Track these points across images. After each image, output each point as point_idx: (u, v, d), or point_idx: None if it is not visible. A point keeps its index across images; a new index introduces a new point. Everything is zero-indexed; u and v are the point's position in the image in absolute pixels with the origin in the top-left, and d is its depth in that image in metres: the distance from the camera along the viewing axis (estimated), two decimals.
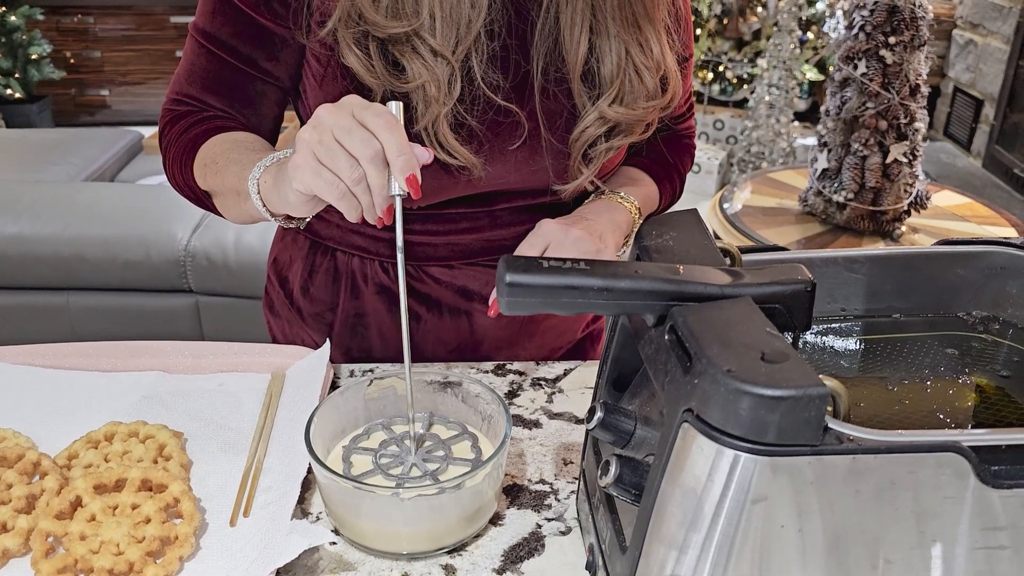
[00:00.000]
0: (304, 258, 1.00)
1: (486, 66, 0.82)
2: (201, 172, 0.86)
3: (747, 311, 0.52)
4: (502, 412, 0.73)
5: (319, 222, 0.98)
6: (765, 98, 3.74)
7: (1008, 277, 0.70)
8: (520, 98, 0.85)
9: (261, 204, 0.78)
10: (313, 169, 0.67)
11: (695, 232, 0.63)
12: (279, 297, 1.04)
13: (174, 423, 0.83)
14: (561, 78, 0.86)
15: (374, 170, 0.66)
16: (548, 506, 0.75)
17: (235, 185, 0.81)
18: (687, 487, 0.49)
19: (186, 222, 1.90)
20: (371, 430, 0.78)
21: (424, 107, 0.81)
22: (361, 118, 0.67)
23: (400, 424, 0.79)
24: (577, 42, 0.84)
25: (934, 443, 0.46)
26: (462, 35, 0.80)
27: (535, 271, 0.54)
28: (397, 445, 0.76)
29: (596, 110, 0.86)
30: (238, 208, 0.85)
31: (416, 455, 0.74)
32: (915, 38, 1.82)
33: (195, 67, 0.89)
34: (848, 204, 1.96)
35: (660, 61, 0.87)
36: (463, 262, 0.96)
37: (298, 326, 1.03)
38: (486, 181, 0.87)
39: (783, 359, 0.47)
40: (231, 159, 0.83)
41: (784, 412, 0.45)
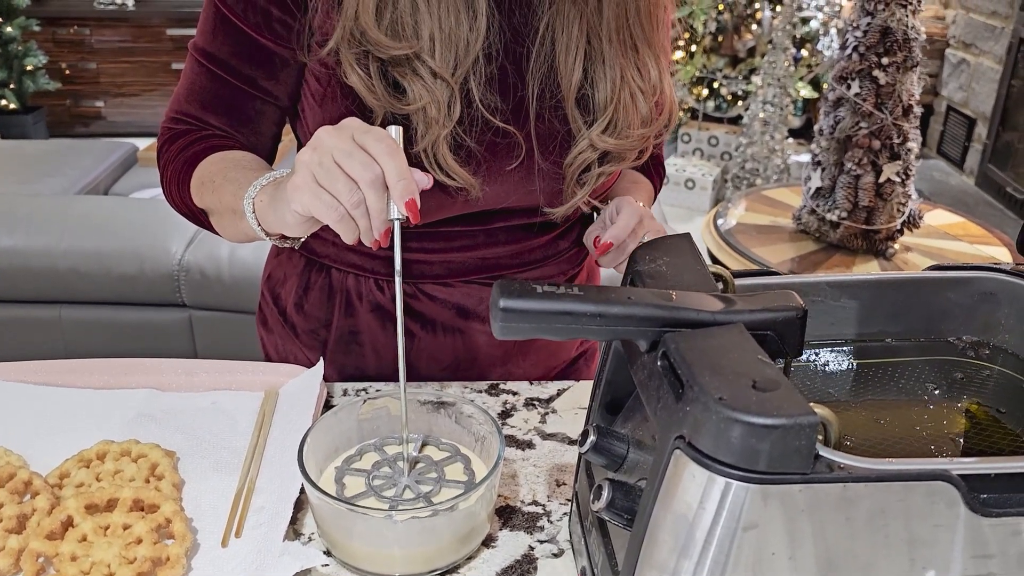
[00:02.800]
0: (299, 275, 1.00)
1: (484, 88, 0.83)
2: (198, 191, 0.87)
3: (739, 338, 0.52)
4: (495, 433, 0.73)
5: (314, 240, 0.98)
6: (759, 115, 3.76)
7: (998, 302, 0.70)
8: (517, 120, 0.86)
9: (256, 223, 0.78)
10: (312, 191, 0.68)
11: (688, 257, 0.63)
12: (272, 314, 1.04)
13: (167, 441, 0.83)
14: (557, 103, 0.86)
15: (373, 194, 0.67)
16: (541, 528, 0.75)
17: (231, 204, 0.81)
18: (679, 513, 0.49)
19: (180, 236, 1.90)
20: (363, 450, 0.78)
21: (424, 128, 0.81)
22: (362, 142, 0.67)
23: (393, 445, 0.79)
24: (571, 68, 0.84)
25: (924, 471, 0.47)
26: (461, 57, 0.81)
27: (529, 296, 0.54)
28: (390, 467, 0.76)
29: (587, 137, 0.86)
30: (234, 227, 0.85)
31: (409, 477, 0.74)
32: (908, 59, 1.84)
33: (194, 86, 0.90)
34: (842, 223, 1.97)
35: (657, 85, 0.88)
36: (459, 280, 0.96)
37: (292, 343, 1.03)
38: (483, 201, 0.88)
39: (774, 387, 0.47)
40: (228, 178, 0.83)
41: (775, 440, 0.45)
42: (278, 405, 0.90)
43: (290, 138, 1.00)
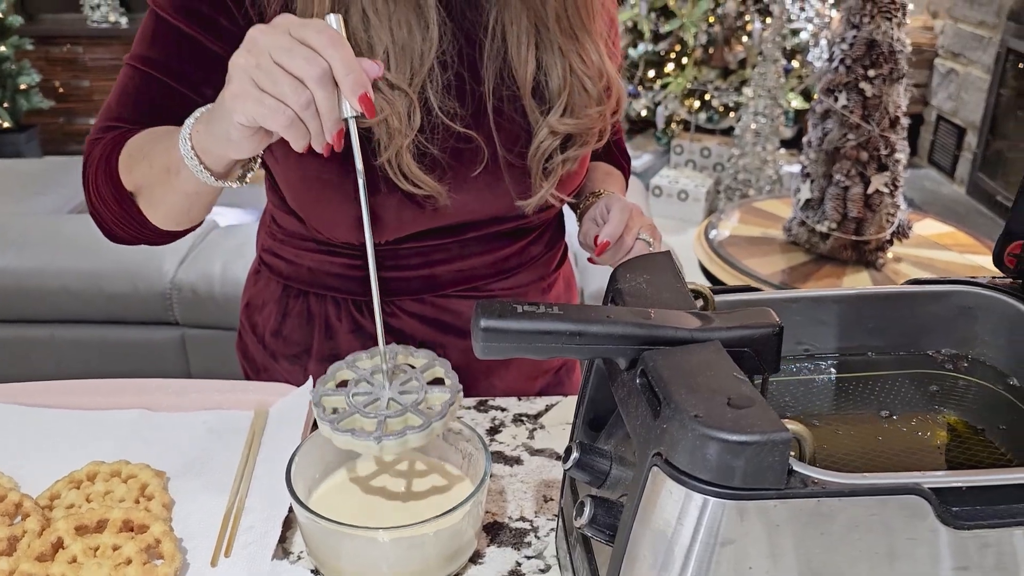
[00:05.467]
0: (276, 302, 1.01)
1: (442, 95, 0.85)
2: (126, 166, 0.81)
3: (716, 356, 0.53)
4: (482, 450, 0.74)
5: (290, 266, 0.99)
6: (751, 126, 3.79)
7: (976, 316, 0.71)
8: (477, 122, 0.87)
9: (197, 162, 0.73)
10: (255, 97, 0.63)
11: (668, 275, 0.64)
12: (252, 341, 1.05)
13: (157, 462, 0.83)
14: (513, 95, 0.88)
15: (323, 91, 0.62)
16: (528, 544, 0.76)
17: (164, 161, 0.76)
18: (658, 530, 0.50)
19: (172, 255, 1.91)
20: (337, 370, 0.75)
21: (388, 139, 0.82)
22: (301, 36, 0.62)
23: (364, 360, 0.77)
24: (525, 59, 0.86)
25: (895, 486, 0.48)
26: (416, 67, 0.82)
27: (509, 316, 0.55)
28: (368, 382, 0.74)
29: (547, 124, 0.88)
30: (167, 191, 0.79)
31: (391, 389, 0.72)
32: (894, 71, 1.86)
33: (127, 91, 0.86)
34: (831, 234, 1.98)
35: (601, 68, 0.90)
36: (436, 295, 0.97)
37: (272, 370, 1.03)
38: (452, 211, 0.89)
39: (749, 404, 0.48)
40: (158, 138, 0.80)
41: (749, 457, 0.46)
42: (268, 424, 0.90)
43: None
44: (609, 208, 0.95)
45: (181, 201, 0.79)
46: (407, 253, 0.94)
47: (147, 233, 0.87)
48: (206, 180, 0.74)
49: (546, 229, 1.03)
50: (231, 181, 0.77)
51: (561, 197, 0.94)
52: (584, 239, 0.98)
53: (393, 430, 0.68)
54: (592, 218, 0.97)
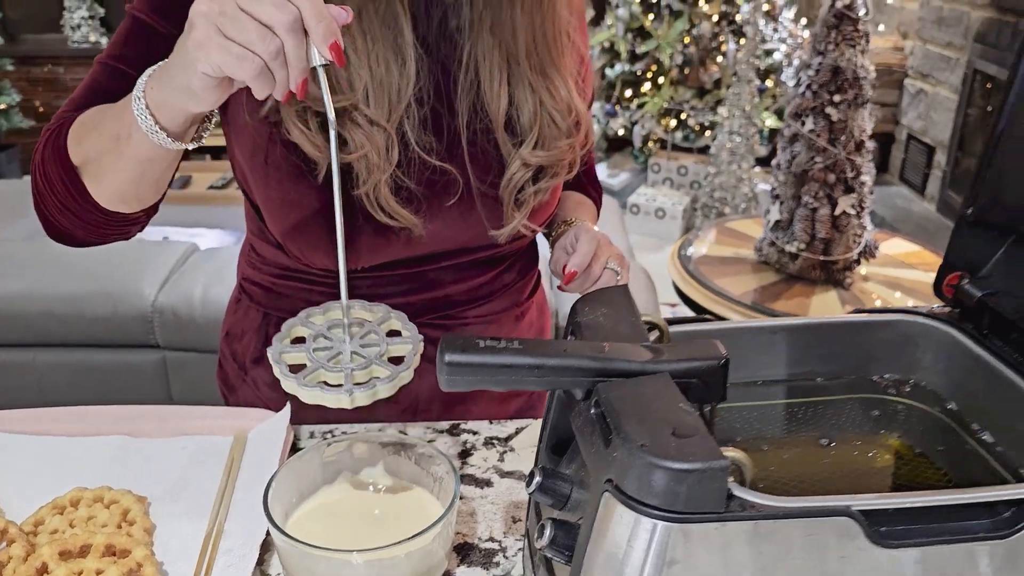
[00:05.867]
0: (256, 330, 1.04)
1: (419, 131, 0.88)
2: (76, 138, 0.79)
3: (664, 387, 0.57)
4: (451, 473, 0.77)
5: (268, 294, 1.02)
6: (726, 145, 3.85)
7: (917, 343, 0.76)
8: (452, 156, 0.91)
9: (151, 120, 0.71)
10: (220, 45, 0.61)
11: (624, 309, 0.68)
12: (233, 369, 1.08)
13: (138, 487, 0.86)
14: (486, 128, 0.91)
15: (293, 39, 0.61)
16: (497, 564, 0.79)
17: (115, 127, 0.74)
18: (610, 552, 0.53)
19: (153, 278, 1.94)
20: (291, 326, 0.75)
21: (367, 174, 0.85)
22: None
23: (317, 316, 0.77)
24: (498, 94, 0.90)
25: (827, 508, 0.51)
26: (394, 103, 0.86)
27: (472, 351, 0.59)
28: (326, 337, 0.74)
29: (519, 157, 0.92)
30: (116, 160, 0.76)
31: (352, 343, 0.72)
32: (858, 96, 1.92)
33: (95, 86, 0.85)
34: (800, 254, 2.03)
35: (570, 103, 0.94)
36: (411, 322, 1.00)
37: (253, 397, 1.06)
38: (427, 240, 0.92)
39: (692, 434, 0.52)
40: (110, 108, 0.78)
41: (691, 483, 0.50)
42: (247, 449, 0.93)
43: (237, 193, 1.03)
44: (578, 238, 0.98)
45: (131, 169, 0.76)
46: (382, 281, 0.97)
47: (91, 219, 0.83)
48: (160, 141, 0.72)
49: (519, 257, 1.06)
50: (186, 142, 0.75)
51: (533, 227, 0.98)
52: (554, 267, 1.01)
53: (360, 382, 0.68)
54: (562, 247, 1.00)
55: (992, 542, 0.53)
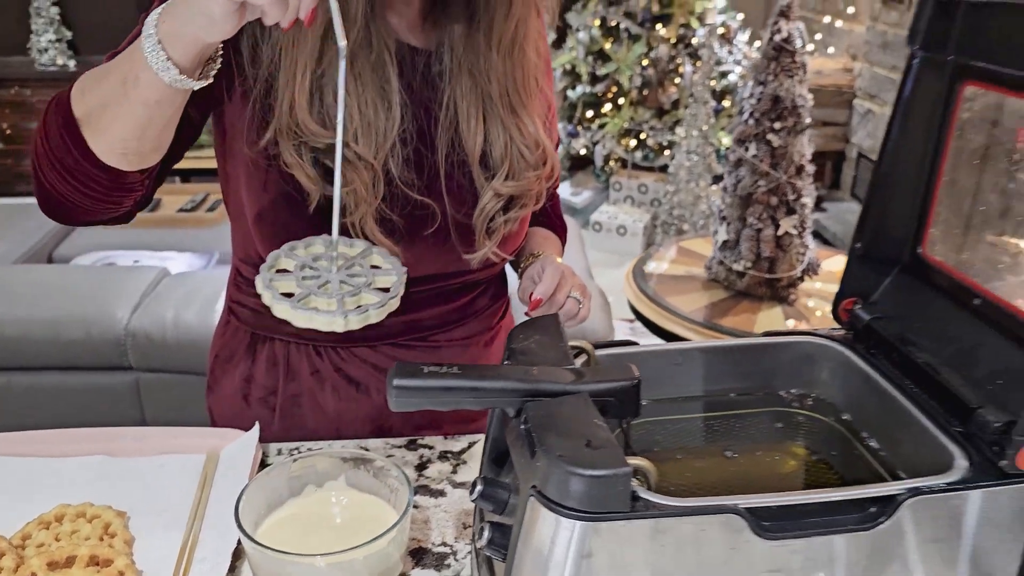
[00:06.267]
0: (245, 349, 1.11)
1: (402, 168, 0.96)
2: (80, 91, 0.80)
3: (583, 405, 0.66)
4: (405, 485, 0.85)
5: (255, 315, 1.09)
6: (685, 164, 3.98)
7: (816, 361, 0.85)
8: (431, 189, 0.99)
9: (163, 56, 0.73)
10: None
11: (554, 335, 0.77)
12: (221, 388, 1.15)
13: (118, 503, 0.93)
14: (462, 162, 1.00)
15: None
16: (448, 566, 0.88)
17: (122, 72, 0.76)
18: (536, 549, 0.62)
19: (126, 302, 2.00)
20: (276, 258, 0.78)
21: (355, 206, 0.93)
22: None
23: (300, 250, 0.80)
24: (474, 132, 0.99)
25: (717, 507, 0.60)
26: (380, 144, 0.94)
27: (417, 376, 0.67)
28: (311, 267, 0.77)
29: (491, 188, 1.01)
30: (122, 106, 0.77)
31: (339, 273, 0.77)
32: (797, 123, 2.03)
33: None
34: (747, 272, 2.14)
35: (537, 138, 1.03)
36: (387, 343, 1.08)
37: (243, 415, 1.12)
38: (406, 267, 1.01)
39: (603, 445, 0.61)
40: (114, 59, 0.80)
41: (600, 487, 0.59)
42: (219, 466, 1.01)
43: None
44: (544, 268, 1.07)
45: (137, 115, 0.77)
46: None
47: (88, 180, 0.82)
48: (171, 79, 0.74)
49: (490, 285, 1.15)
50: (195, 79, 0.77)
51: (503, 256, 1.07)
52: (521, 295, 1.10)
53: (349, 308, 0.72)
54: (530, 276, 1.09)
55: (859, 533, 0.63)
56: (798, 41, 1.98)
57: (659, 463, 0.74)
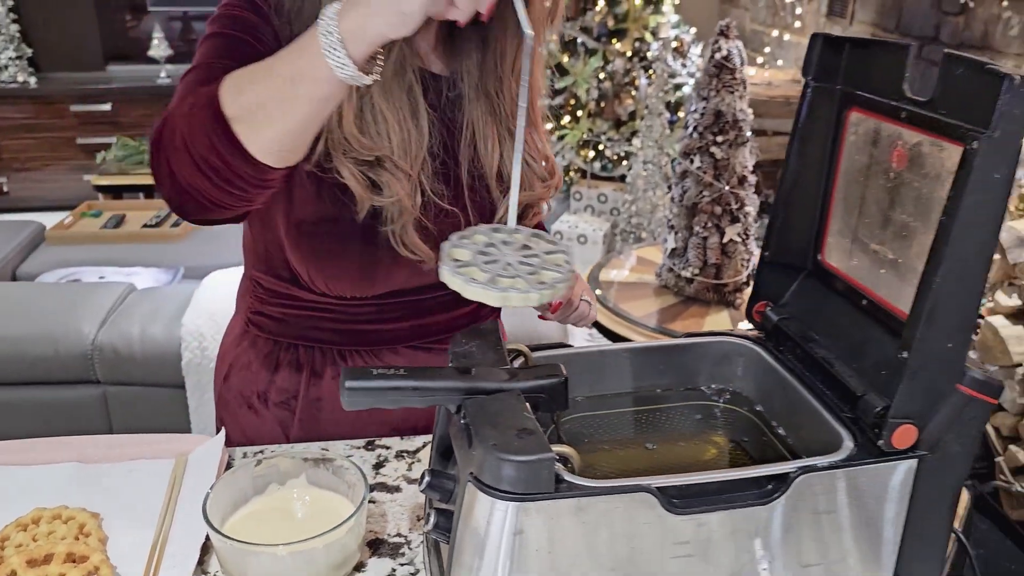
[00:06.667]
0: (265, 357, 1.17)
1: (432, 180, 1.06)
2: (235, 88, 0.81)
3: (515, 401, 0.74)
4: (362, 481, 0.93)
5: (279, 324, 1.16)
6: (641, 173, 4.09)
7: (733, 359, 0.94)
8: (457, 200, 1.09)
9: (343, 52, 0.76)
10: None
11: (493, 339, 0.85)
12: (236, 396, 1.20)
13: (92, 505, 0.99)
14: (481, 175, 1.11)
15: None
16: (402, 554, 0.95)
17: (289, 70, 0.79)
18: (474, 528, 0.70)
19: (92, 318, 2.04)
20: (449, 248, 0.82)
21: (398, 215, 1.02)
22: None
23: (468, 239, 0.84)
24: (491, 150, 1.09)
25: (631, 486, 0.69)
26: (415, 157, 1.03)
27: (367, 378, 0.75)
28: (485, 253, 0.81)
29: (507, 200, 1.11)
30: (287, 103, 0.80)
31: (515, 254, 0.81)
32: (739, 136, 2.14)
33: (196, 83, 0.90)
34: (695, 278, 2.24)
35: (545, 152, 1.16)
36: (405, 345, 1.17)
37: (261, 419, 1.19)
38: (430, 272, 1.07)
39: (530, 435, 0.69)
40: (270, 60, 0.82)
41: (527, 471, 0.67)
42: (187, 469, 1.07)
43: None
44: None
45: (302, 112, 0.80)
46: (384, 308, 1.13)
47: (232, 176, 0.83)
48: (346, 75, 0.76)
49: None
50: (368, 75, 0.79)
51: None
52: None
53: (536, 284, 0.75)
54: None
55: (757, 508, 0.71)
56: (737, 59, 2.09)
57: (589, 453, 0.83)
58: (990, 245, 0.66)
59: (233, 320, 1.27)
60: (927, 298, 0.67)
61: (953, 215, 0.65)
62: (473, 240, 0.82)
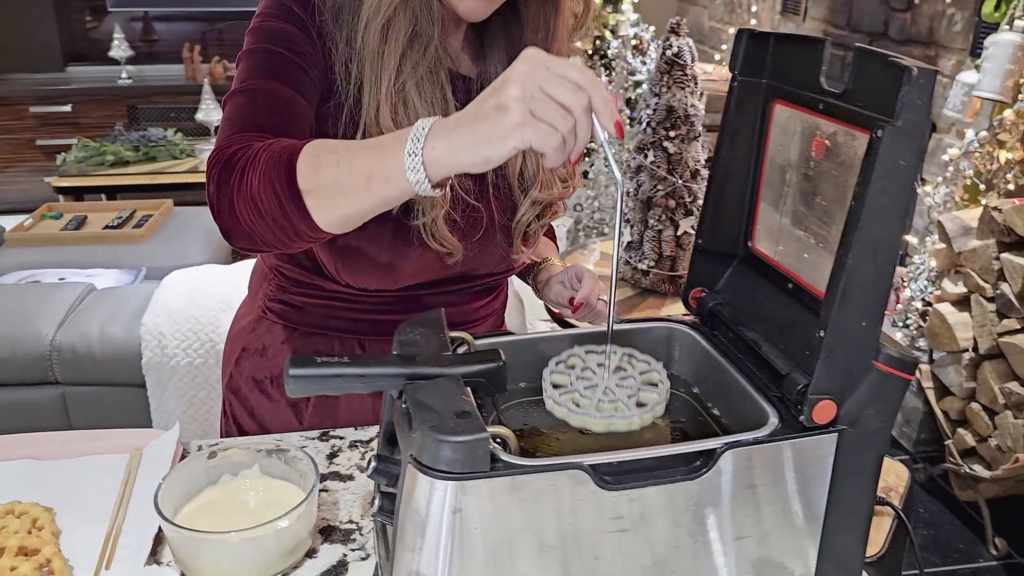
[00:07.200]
0: (281, 344, 1.20)
1: (459, 175, 1.09)
2: (312, 166, 0.85)
3: (453, 385, 0.76)
4: (312, 470, 0.95)
5: (298, 312, 1.19)
6: (603, 169, 4.13)
7: (671, 343, 0.98)
8: (482, 195, 1.13)
9: (423, 174, 0.79)
10: (533, 125, 0.74)
11: (437, 327, 0.88)
12: (248, 382, 1.23)
13: (46, 501, 1.01)
14: (504, 175, 1.15)
15: (585, 119, 0.75)
16: (354, 540, 0.97)
17: (368, 168, 0.82)
18: (414, 508, 0.72)
19: (51, 318, 2.04)
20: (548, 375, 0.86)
21: (430, 207, 1.05)
22: (562, 73, 0.74)
23: (563, 363, 0.88)
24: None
25: (565, 464, 0.72)
26: None
27: (311, 365, 0.77)
28: (582, 377, 0.85)
29: (530, 198, 1.16)
30: (361, 195, 0.84)
31: (611, 379, 0.85)
32: (690, 131, 2.18)
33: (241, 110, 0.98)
34: (651, 271, 2.28)
35: None
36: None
37: (275, 405, 1.21)
38: (456, 265, 1.13)
39: (467, 416, 0.71)
40: (358, 146, 0.86)
41: (464, 451, 0.69)
42: (142, 463, 1.08)
43: None
44: (580, 277, 1.27)
45: (374, 206, 0.85)
46: (409, 299, 1.17)
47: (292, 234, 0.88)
48: (422, 190, 0.81)
49: (502, 291, 1.31)
50: (441, 189, 0.84)
51: (531, 256, 1.24)
52: (556, 298, 1.29)
53: (637, 407, 0.80)
54: (560, 281, 1.29)
55: (686, 483, 0.75)
56: (688, 55, 2.13)
57: (530, 437, 0.86)
58: (899, 228, 0.70)
59: (245, 305, 1.30)
60: (840, 279, 0.71)
61: (862, 200, 0.68)
62: (569, 363, 0.87)
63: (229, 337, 1.29)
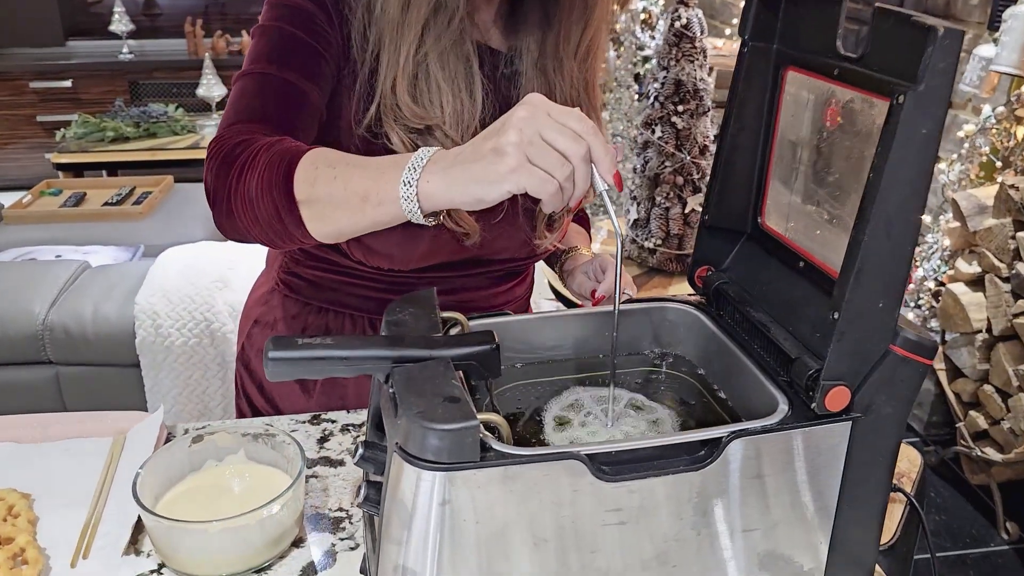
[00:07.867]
0: (293, 318, 1.18)
1: None
2: (310, 178, 0.84)
3: (443, 369, 0.72)
4: (299, 455, 0.91)
5: (311, 287, 1.16)
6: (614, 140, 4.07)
7: (676, 324, 0.93)
8: None
9: (415, 204, 0.79)
10: (529, 171, 0.73)
11: (428, 307, 0.83)
12: (258, 355, 1.20)
13: (24, 486, 0.97)
14: None
15: (583, 168, 0.74)
16: (343, 528, 0.93)
17: (364, 189, 0.82)
18: (401, 500, 0.68)
19: (42, 298, 2.00)
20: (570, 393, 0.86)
21: None
22: (563, 120, 0.74)
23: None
24: None
25: (560, 453, 0.67)
26: (466, 126, 1.03)
27: (292, 348, 0.73)
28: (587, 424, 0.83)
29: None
30: (355, 215, 0.84)
31: (614, 427, 0.83)
32: (699, 106, 2.12)
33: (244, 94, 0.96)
34: (657, 249, 2.23)
35: None
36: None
37: (275, 383, 1.18)
38: (474, 247, 1.08)
39: (456, 402, 0.67)
40: (357, 164, 0.85)
41: (452, 440, 0.65)
42: (125, 447, 1.05)
43: None
44: (604, 268, 1.22)
45: (363, 226, 0.85)
46: (423, 281, 1.12)
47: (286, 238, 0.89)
48: (415, 219, 0.81)
49: (526, 277, 1.26)
50: (434, 219, 0.84)
51: (556, 243, 1.19)
52: (579, 289, 1.24)
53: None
54: (584, 272, 1.24)
55: (689, 473, 0.70)
56: (697, 28, 2.07)
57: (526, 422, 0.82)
58: (918, 202, 0.65)
59: (261, 277, 1.28)
60: (856, 257, 0.66)
61: (880, 171, 0.63)
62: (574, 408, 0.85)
63: (243, 310, 1.28)
